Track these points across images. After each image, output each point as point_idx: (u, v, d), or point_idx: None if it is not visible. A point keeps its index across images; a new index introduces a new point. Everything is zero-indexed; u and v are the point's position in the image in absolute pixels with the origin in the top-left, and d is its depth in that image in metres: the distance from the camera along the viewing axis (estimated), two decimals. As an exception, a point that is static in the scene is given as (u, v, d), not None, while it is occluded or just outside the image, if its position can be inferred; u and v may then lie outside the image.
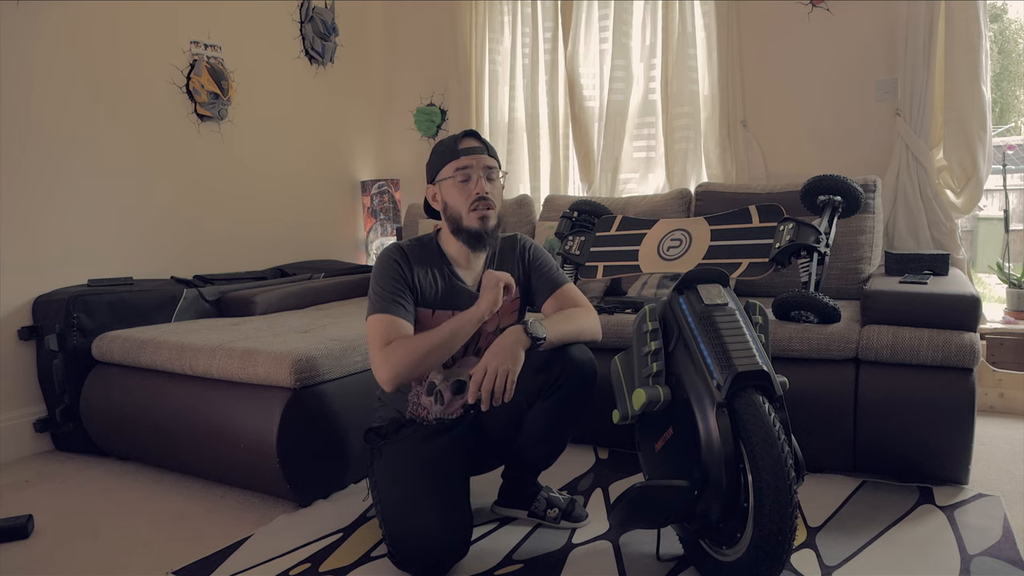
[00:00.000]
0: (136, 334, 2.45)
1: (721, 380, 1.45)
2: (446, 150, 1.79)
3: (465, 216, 1.76)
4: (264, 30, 3.59)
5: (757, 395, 1.45)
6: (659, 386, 1.56)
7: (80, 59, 2.82)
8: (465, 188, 1.75)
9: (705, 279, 1.64)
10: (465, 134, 1.80)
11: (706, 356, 1.50)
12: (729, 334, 1.52)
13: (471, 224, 1.76)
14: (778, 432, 1.39)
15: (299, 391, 2.04)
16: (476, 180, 1.75)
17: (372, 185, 4.13)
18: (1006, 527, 1.77)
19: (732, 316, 1.56)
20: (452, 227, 1.79)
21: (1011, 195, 3.25)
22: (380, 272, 1.77)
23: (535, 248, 1.95)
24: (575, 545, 1.77)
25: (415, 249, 1.81)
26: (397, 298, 1.73)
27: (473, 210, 1.75)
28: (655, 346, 1.60)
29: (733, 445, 1.43)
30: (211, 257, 3.34)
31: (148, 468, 2.44)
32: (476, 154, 1.77)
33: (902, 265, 2.49)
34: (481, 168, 1.76)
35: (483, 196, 1.75)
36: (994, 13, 4.16)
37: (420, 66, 4.19)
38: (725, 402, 1.45)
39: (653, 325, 1.62)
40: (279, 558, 1.76)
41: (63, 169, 2.77)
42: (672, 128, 3.41)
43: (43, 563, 1.80)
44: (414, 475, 1.69)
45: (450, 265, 1.83)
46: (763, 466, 1.37)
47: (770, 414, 1.42)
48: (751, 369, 1.45)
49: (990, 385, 2.75)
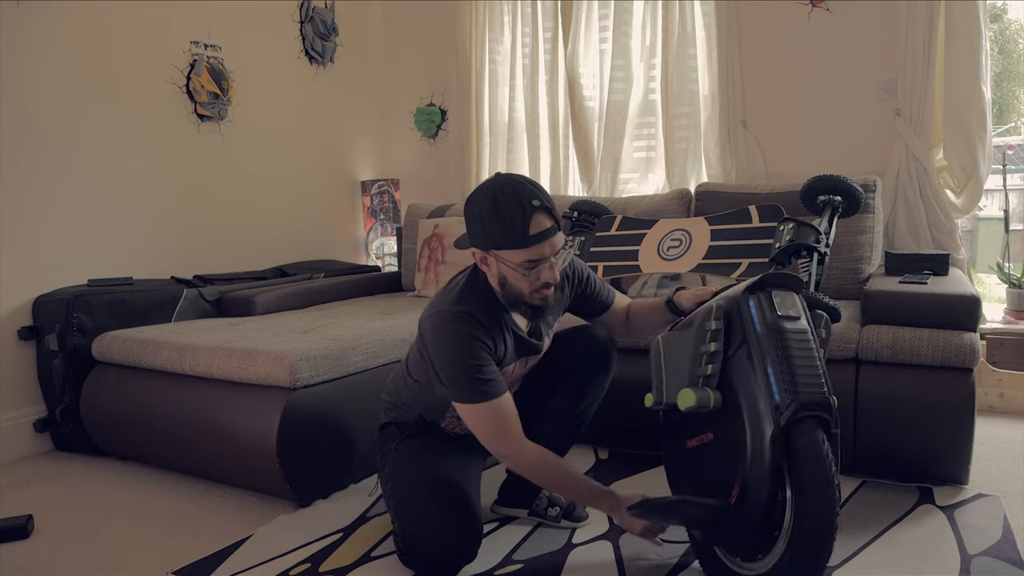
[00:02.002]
0: (136, 334, 2.45)
1: (783, 404, 1.35)
2: (512, 231, 1.50)
3: (527, 296, 1.59)
4: (264, 30, 3.59)
5: (818, 430, 1.36)
6: (711, 390, 1.43)
7: (80, 59, 2.82)
8: (531, 275, 1.55)
9: (781, 284, 1.48)
10: (534, 208, 1.50)
11: (770, 374, 1.38)
12: (799, 354, 1.40)
13: (532, 302, 1.60)
14: (834, 474, 1.33)
15: (299, 391, 2.04)
16: (548, 270, 1.56)
17: (372, 185, 4.13)
18: (1006, 527, 1.77)
19: (804, 334, 1.42)
20: (508, 300, 1.61)
21: (1011, 195, 3.25)
22: (458, 352, 1.56)
23: (579, 270, 1.82)
24: (575, 545, 1.77)
25: (483, 315, 1.61)
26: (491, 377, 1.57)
27: (537, 292, 1.58)
28: (715, 348, 1.46)
29: (780, 472, 1.37)
30: (211, 257, 3.34)
31: (148, 468, 2.44)
32: (549, 239, 1.53)
33: (902, 265, 2.48)
34: (553, 256, 1.56)
35: (550, 284, 1.58)
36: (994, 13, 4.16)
37: (420, 66, 4.19)
38: (782, 429, 1.35)
39: (717, 324, 1.47)
40: (279, 558, 1.76)
41: (63, 169, 2.77)
42: (672, 128, 3.41)
43: (43, 563, 1.80)
44: (430, 474, 1.67)
45: (509, 316, 1.67)
46: (813, 507, 1.31)
47: (828, 453, 1.34)
48: (816, 400, 1.36)
49: (990, 385, 2.75)
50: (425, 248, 3.28)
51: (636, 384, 2.25)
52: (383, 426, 1.84)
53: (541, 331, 1.76)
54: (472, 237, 1.60)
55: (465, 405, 1.57)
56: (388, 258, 4.12)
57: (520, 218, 1.49)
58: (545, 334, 1.78)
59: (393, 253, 4.09)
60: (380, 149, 4.33)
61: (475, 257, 1.62)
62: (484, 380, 1.56)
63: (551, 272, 1.56)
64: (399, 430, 1.79)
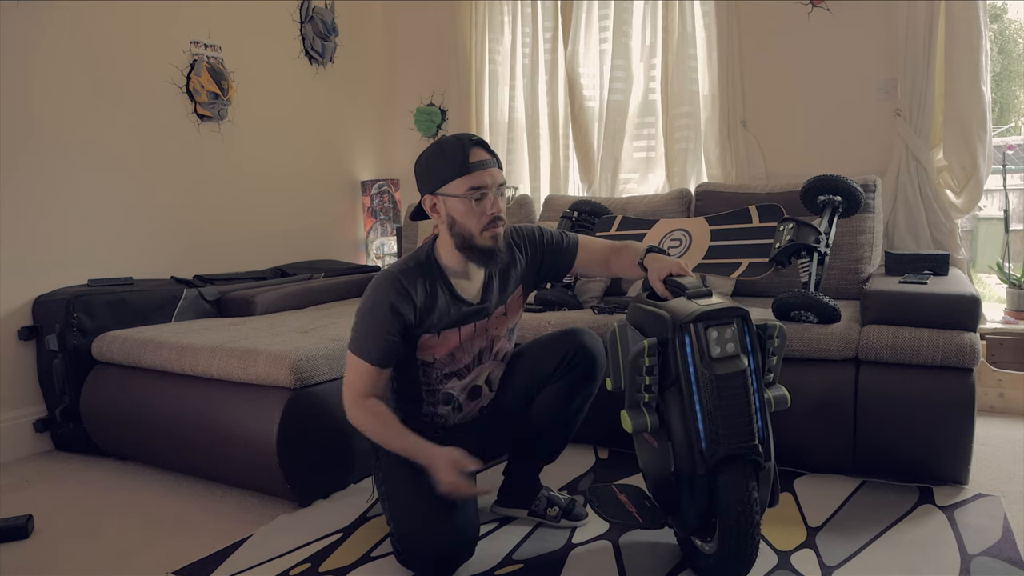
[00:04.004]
0: (136, 334, 2.45)
1: (707, 453, 1.41)
2: (453, 162, 1.63)
3: (477, 236, 1.65)
4: (264, 30, 3.59)
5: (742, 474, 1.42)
6: (647, 414, 1.50)
7: (80, 59, 2.82)
8: (478, 208, 1.63)
9: (719, 318, 1.45)
10: (472, 142, 1.65)
11: (699, 420, 1.42)
12: (730, 403, 1.41)
13: (484, 243, 1.66)
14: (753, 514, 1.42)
15: (299, 391, 2.04)
16: (492, 200, 1.64)
17: (372, 185, 4.13)
18: (1006, 527, 1.77)
19: (737, 378, 1.42)
20: (459, 243, 1.68)
21: (1011, 195, 3.25)
22: (373, 308, 1.66)
23: (528, 232, 1.86)
24: (575, 545, 1.77)
25: (413, 276, 1.69)
26: (382, 344, 1.65)
27: (486, 229, 1.65)
28: (649, 381, 1.49)
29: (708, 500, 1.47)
30: (211, 257, 3.34)
31: (148, 468, 2.44)
32: (489, 168, 1.64)
33: (902, 265, 2.48)
34: (495, 187, 1.65)
35: (499, 216, 1.66)
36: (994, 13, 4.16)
37: (420, 66, 4.19)
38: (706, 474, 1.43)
39: (651, 361, 1.48)
40: (279, 558, 1.76)
41: (63, 169, 2.77)
42: (672, 128, 3.41)
43: (43, 563, 1.80)
44: (422, 475, 1.67)
45: (449, 283, 1.73)
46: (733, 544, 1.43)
47: (751, 492, 1.41)
48: (742, 451, 1.41)
49: (990, 385, 2.75)
50: (425, 248, 3.28)
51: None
52: None
53: (491, 295, 1.77)
54: (421, 186, 1.71)
55: (350, 356, 1.68)
56: (388, 258, 4.12)
57: (460, 150, 1.63)
58: (499, 299, 1.79)
59: (393, 253, 4.10)
60: (380, 149, 4.33)
61: (426, 206, 1.71)
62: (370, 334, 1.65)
63: (495, 204, 1.64)
64: None
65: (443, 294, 1.72)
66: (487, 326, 1.79)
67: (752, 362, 1.45)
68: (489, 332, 1.80)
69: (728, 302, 1.49)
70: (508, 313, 1.83)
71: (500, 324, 1.82)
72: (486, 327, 1.79)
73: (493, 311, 1.79)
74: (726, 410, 1.41)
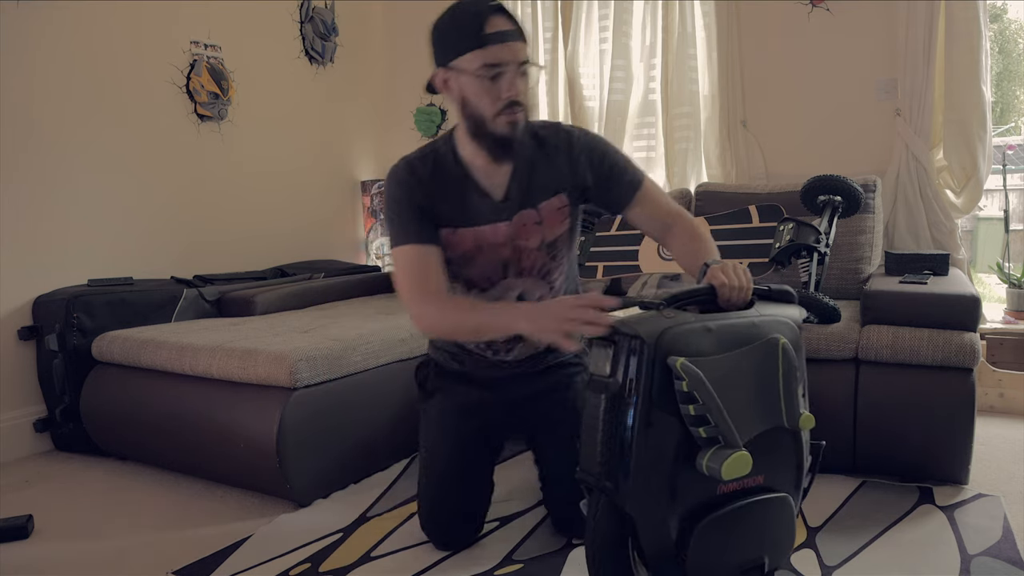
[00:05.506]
0: (136, 334, 2.45)
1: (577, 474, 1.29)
2: (466, 33, 1.40)
3: (490, 120, 1.44)
4: (264, 30, 3.59)
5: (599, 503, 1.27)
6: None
7: (80, 59, 2.82)
8: (493, 88, 1.41)
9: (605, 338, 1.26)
10: (491, 8, 1.39)
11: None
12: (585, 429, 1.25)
13: (499, 129, 1.45)
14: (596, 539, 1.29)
15: (299, 391, 2.04)
16: (510, 80, 1.41)
17: (372, 185, 4.13)
18: (1006, 527, 1.77)
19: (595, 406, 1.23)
20: (472, 128, 1.48)
21: (1011, 195, 3.25)
22: (390, 197, 1.54)
23: (590, 140, 1.60)
24: (575, 545, 1.77)
25: (426, 164, 1.54)
26: (417, 224, 1.52)
27: (501, 114, 1.43)
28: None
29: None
30: (211, 257, 3.34)
31: (148, 468, 2.44)
32: (510, 42, 1.40)
33: (902, 265, 2.48)
34: (516, 65, 1.41)
35: (517, 100, 1.43)
36: (994, 13, 4.16)
37: (420, 66, 4.14)
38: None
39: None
40: (279, 558, 1.76)
41: (63, 169, 2.77)
42: (672, 128, 3.41)
43: (43, 563, 1.80)
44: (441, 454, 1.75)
45: (469, 174, 1.54)
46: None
47: (598, 525, 1.27)
48: (588, 481, 1.25)
49: (990, 385, 2.75)
50: (425, 248, 3.27)
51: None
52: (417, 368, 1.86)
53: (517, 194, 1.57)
54: (434, 59, 1.49)
55: (392, 252, 1.56)
56: (388, 258, 4.12)
57: (475, 18, 1.39)
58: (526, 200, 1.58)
59: (393, 253, 4.09)
60: (380, 149, 4.33)
61: (436, 83, 1.50)
62: (401, 221, 1.52)
63: (512, 85, 1.42)
64: (425, 385, 1.82)
65: (459, 183, 1.55)
66: (512, 232, 1.58)
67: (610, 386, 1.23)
68: (516, 241, 1.59)
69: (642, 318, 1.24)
70: (543, 222, 1.59)
71: (530, 234, 1.59)
72: (511, 234, 1.58)
73: (516, 213, 1.58)
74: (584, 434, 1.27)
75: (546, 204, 1.59)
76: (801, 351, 1.31)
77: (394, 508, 2.03)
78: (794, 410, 1.24)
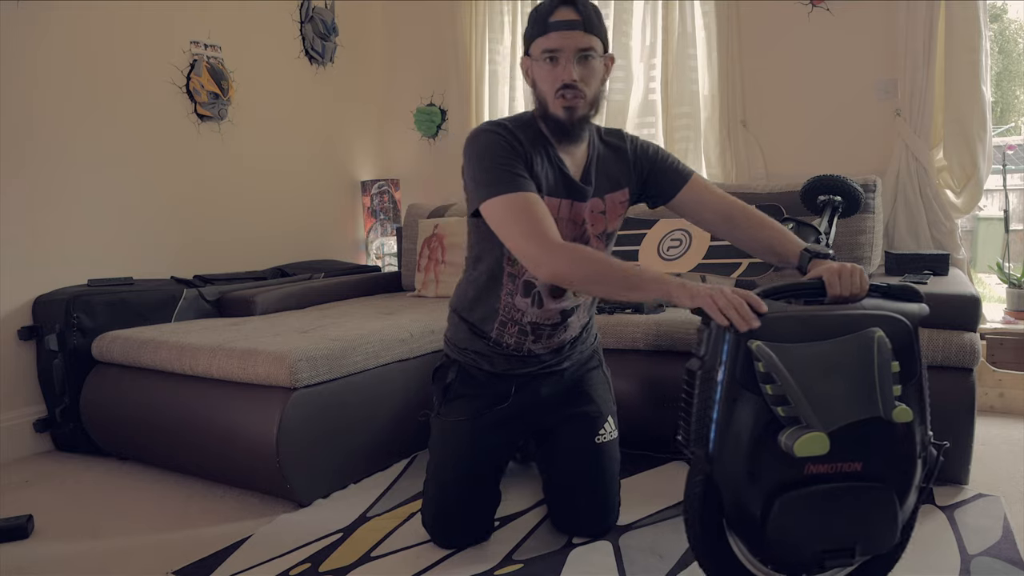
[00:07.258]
0: (136, 334, 2.45)
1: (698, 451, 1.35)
2: (538, 21, 1.55)
3: (551, 102, 1.55)
4: (264, 30, 3.59)
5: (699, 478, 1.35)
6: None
7: (80, 59, 2.82)
8: (552, 72, 1.53)
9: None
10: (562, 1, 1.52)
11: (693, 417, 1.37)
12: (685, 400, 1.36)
13: (555, 112, 1.55)
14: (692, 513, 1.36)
15: (299, 391, 2.04)
16: (564, 65, 1.52)
17: (372, 185, 4.13)
18: (1006, 527, 1.77)
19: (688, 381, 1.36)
20: (539, 111, 1.60)
21: (1011, 195, 3.25)
22: (487, 149, 1.54)
23: (644, 141, 1.75)
24: (575, 545, 1.77)
25: (519, 127, 1.59)
26: (524, 175, 1.52)
27: (558, 97, 1.54)
28: None
29: None
30: (211, 257, 3.34)
31: (148, 468, 2.44)
32: (569, 30, 1.51)
33: (902, 265, 2.49)
34: (573, 51, 1.51)
35: (570, 84, 1.52)
36: (994, 13, 4.16)
37: (420, 66, 4.19)
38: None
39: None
40: (279, 558, 1.76)
41: (63, 169, 2.77)
42: (672, 128, 3.41)
43: (43, 563, 1.80)
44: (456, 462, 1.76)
45: (552, 147, 1.62)
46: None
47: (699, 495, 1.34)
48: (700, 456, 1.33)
49: (990, 385, 2.75)
50: (425, 248, 3.28)
51: (640, 384, 2.25)
52: (434, 372, 1.86)
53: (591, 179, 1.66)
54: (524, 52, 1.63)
55: (492, 202, 1.49)
56: (388, 258, 4.12)
57: (546, 8, 1.54)
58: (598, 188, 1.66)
59: (393, 253, 4.10)
60: (380, 149, 4.33)
61: (521, 67, 1.64)
62: (511, 172, 1.51)
63: (567, 69, 1.51)
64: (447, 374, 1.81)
65: (548, 153, 1.61)
66: (583, 214, 1.65)
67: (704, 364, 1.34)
68: (583, 224, 1.66)
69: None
70: (607, 212, 1.69)
71: (595, 221, 1.68)
72: (581, 215, 1.65)
73: (591, 197, 1.66)
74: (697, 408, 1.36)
75: (611, 196, 1.69)
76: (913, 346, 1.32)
77: (394, 508, 2.03)
78: (890, 403, 1.27)
